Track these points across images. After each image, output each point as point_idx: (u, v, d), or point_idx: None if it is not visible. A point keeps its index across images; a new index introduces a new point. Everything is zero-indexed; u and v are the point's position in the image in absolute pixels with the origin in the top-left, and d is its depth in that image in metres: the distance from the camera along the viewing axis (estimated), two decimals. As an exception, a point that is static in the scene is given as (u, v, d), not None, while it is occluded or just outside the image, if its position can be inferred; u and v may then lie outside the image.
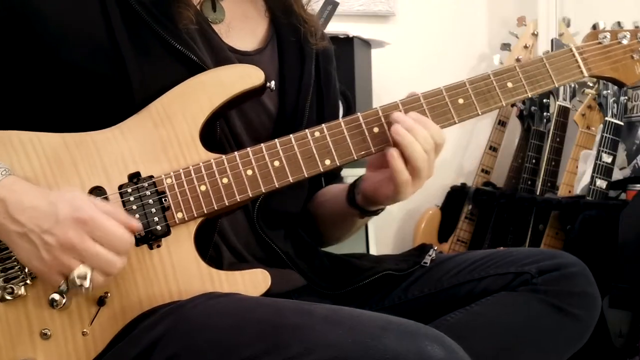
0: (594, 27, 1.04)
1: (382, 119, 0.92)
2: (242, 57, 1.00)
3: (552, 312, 0.95)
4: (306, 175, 0.89)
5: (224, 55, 0.97)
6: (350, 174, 1.23)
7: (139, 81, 0.87)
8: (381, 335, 0.66)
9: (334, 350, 0.66)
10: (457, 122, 0.94)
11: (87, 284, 0.76)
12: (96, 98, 0.88)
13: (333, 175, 1.18)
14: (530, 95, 0.97)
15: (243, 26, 1.03)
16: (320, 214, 1.13)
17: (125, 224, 0.79)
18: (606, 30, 1.02)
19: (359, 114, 0.92)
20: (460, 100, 0.94)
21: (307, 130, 0.90)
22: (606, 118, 2.02)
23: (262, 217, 1.00)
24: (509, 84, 0.96)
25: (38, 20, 0.87)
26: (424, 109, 0.93)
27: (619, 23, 1.02)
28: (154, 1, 0.91)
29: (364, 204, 1.01)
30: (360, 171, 1.18)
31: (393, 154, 0.89)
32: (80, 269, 0.75)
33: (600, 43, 1.01)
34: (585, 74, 1.00)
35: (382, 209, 1.04)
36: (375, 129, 0.92)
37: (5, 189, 0.78)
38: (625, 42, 1.02)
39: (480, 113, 0.95)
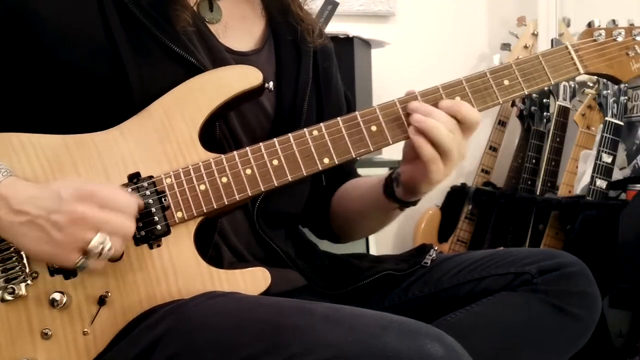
0: (589, 24, 1.05)
1: (380, 118, 0.92)
2: (239, 57, 1.00)
3: (552, 312, 0.95)
4: (305, 174, 0.89)
5: (221, 57, 0.97)
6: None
7: (138, 82, 0.88)
8: (381, 334, 0.66)
9: (334, 350, 0.66)
10: None
11: (108, 246, 0.76)
12: (95, 99, 0.88)
13: (348, 172, 1.18)
14: (526, 93, 0.98)
15: (240, 26, 1.03)
16: (353, 209, 1.13)
17: (126, 193, 0.80)
18: (601, 28, 1.03)
19: (357, 112, 0.92)
20: (457, 98, 0.94)
21: (305, 129, 0.90)
22: (606, 118, 2.02)
23: (262, 217, 1.00)
24: (506, 82, 0.96)
25: (36, 21, 0.87)
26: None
27: (613, 21, 1.03)
28: (151, 3, 0.91)
29: (402, 196, 1.02)
30: (361, 171, 1.19)
31: (418, 140, 0.90)
32: (98, 237, 0.76)
33: (595, 40, 1.02)
34: (581, 70, 1.00)
35: (420, 199, 1.04)
36: (373, 127, 0.92)
37: (6, 187, 0.78)
38: (620, 39, 1.03)
39: (477, 110, 0.95)
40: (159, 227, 0.84)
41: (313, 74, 1.07)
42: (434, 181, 0.94)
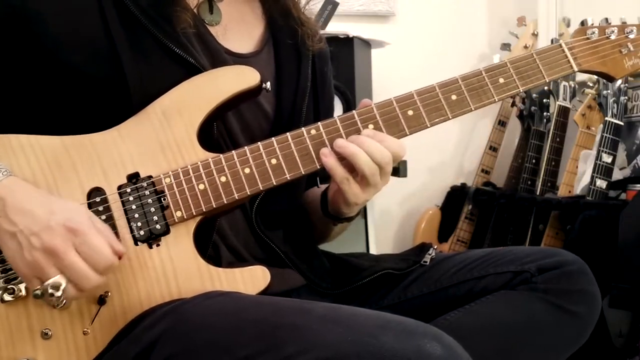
0: (582, 23, 1.05)
1: (377, 116, 0.92)
2: (238, 59, 1.00)
3: (552, 311, 0.95)
4: (303, 172, 0.90)
5: (220, 58, 0.97)
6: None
7: (136, 83, 0.88)
8: (380, 334, 0.66)
9: (332, 349, 0.65)
10: (450, 118, 0.95)
11: (58, 294, 0.76)
12: (94, 100, 0.88)
13: (314, 175, 1.18)
14: (521, 90, 0.99)
15: (239, 28, 1.04)
16: (307, 213, 1.13)
17: (113, 246, 0.79)
18: (594, 26, 1.04)
19: (354, 111, 0.92)
20: (453, 97, 0.95)
21: (303, 128, 0.90)
22: (606, 118, 2.02)
23: (260, 217, 1.00)
24: (501, 79, 0.97)
25: (37, 23, 0.87)
26: (418, 105, 0.93)
27: (606, 19, 1.04)
28: (152, 4, 0.91)
29: (333, 213, 1.02)
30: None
31: (328, 161, 0.89)
32: (56, 279, 0.76)
33: (588, 39, 1.03)
34: (575, 68, 1.01)
35: (354, 217, 1.04)
36: (371, 126, 0.92)
37: (6, 189, 0.78)
38: (613, 37, 1.04)
39: (473, 109, 0.96)
40: (158, 226, 0.85)
41: (311, 78, 1.07)
42: (351, 202, 0.93)
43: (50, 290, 0.75)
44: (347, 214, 1.01)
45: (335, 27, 2.05)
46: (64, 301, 0.77)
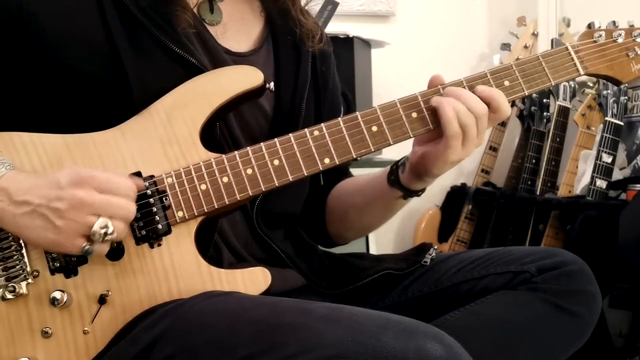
0: (589, 26, 1.05)
1: (381, 118, 0.92)
2: (237, 58, 1.00)
3: (552, 311, 0.95)
4: (305, 174, 0.89)
5: (220, 58, 0.97)
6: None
7: (138, 84, 0.88)
8: (380, 334, 0.66)
9: (333, 350, 0.65)
10: None
11: (110, 230, 0.76)
12: (96, 101, 0.88)
13: (343, 172, 1.18)
14: (527, 94, 0.98)
15: (238, 27, 1.04)
16: (349, 204, 1.12)
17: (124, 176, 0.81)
18: (601, 29, 1.03)
19: (357, 113, 0.92)
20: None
21: (306, 129, 0.90)
22: (606, 118, 2.02)
23: (261, 217, 1.00)
24: (506, 82, 0.96)
25: (36, 23, 0.87)
26: (422, 107, 0.93)
27: (614, 22, 1.03)
28: (151, 4, 0.91)
29: (408, 182, 1.02)
30: (361, 171, 1.18)
31: (448, 113, 0.90)
32: (100, 221, 0.76)
33: (595, 42, 1.02)
34: (581, 72, 1.00)
35: (424, 190, 1.05)
36: (374, 128, 0.92)
37: (8, 180, 0.78)
38: (620, 40, 1.03)
39: None
40: (159, 226, 0.85)
41: (312, 75, 1.07)
42: (449, 161, 0.94)
43: (101, 231, 0.76)
44: (436, 174, 0.99)
45: (335, 27, 2.05)
46: (116, 238, 0.78)
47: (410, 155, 1.01)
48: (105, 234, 0.76)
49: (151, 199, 0.85)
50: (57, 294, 0.81)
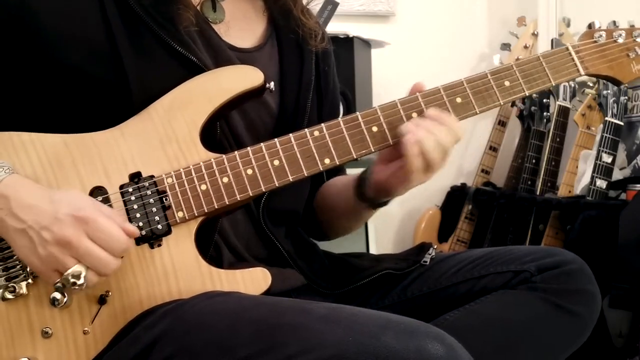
0: (590, 26, 1.05)
1: (381, 118, 0.92)
2: (242, 54, 1.00)
3: (551, 310, 0.95)
4: (306, 174, 0.89)
5: (224, 54, 0.97)
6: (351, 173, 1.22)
7: (138, 83, 0.88)
8: (380, 334, 0.66)
9: (333, 350, 0.66)
10: None
11: (80, 281, 0.76)
12: (96, 100, 0.88)
13: (337, 169, 1.18)
14: (527, 94, 0.98)
15: (242, 25, 1.04)
16: (329, 206, 1.13)
17: (124, 228, 0.80)
18: (602, 29, 1.03)
19: (358, 113, 0.92)
20: (458, 100, 0.94)
21: (306, 129, 0.90)
22: (606, 118, 2.02)
23: (268, 214, 1.00)
24: (507, 83, 0.96)
25: (36, 22, 0.87)
26: (422, 108, 0.93)
27: (614, 22, 1.03)
28: (154, 3, 0.91)
29: (374, 197, 1.02)
30: (360, 171, 1.18)
31: (413, 150, 0.90)
32: (75, 268, 0.76)
33: (595, 42, 1.02)
34: (582, 72, 1.00)
35: (390, 200, 1.05)
36: (374, 128, 0.92)
37: (9, 187, 0.78)
38: (620, 40, 1.03)
39: (478, 112, 0.95)
40: (159, 226, 0.85)
41: (315, 75, 1.07)
42: (412, 186, 0.95)
43: (72, 280, 0.76)
44: (396, 195, 1.00)
45: (335, 27, 2.05)
46: (84, 288, 0.77)
47: (373, 174, 1.01)
48: (74, 283, 0.76)
49: (151, 199, 0.85)
50: (57, 295, 0.80)
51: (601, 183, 1.97)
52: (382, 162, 0.99)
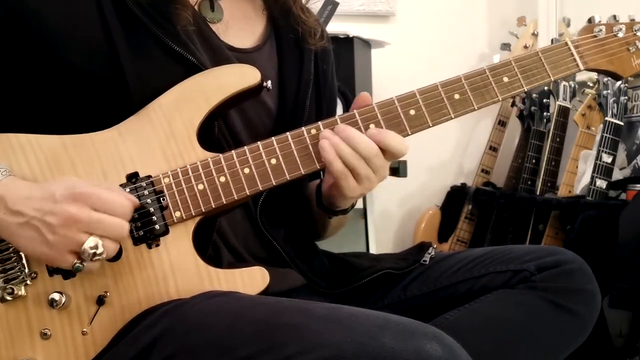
0: (590, 20, 1.04)
1: (379, 116, 0.92)
2: (241, 54, 1.00)
3: (551, 309, 0.95)
4: (303, 173, 0.89)
5: (223, 54, 0.97)
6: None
7: (136, 82, 0.88)
8: (379, 334, 0.66)
9: (332, 350, 0.65)
10: (453, 117, 0.94)
11: (99, 250, 0.76)
12: (94, 99, 0.88)
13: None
14: (526, 90, 0.97)
15: (241, 25, 1.04)
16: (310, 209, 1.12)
17: (121, 194, 0.80)
18: (601, 23, 1.03)
19: (355, 111, 0.92)
20: (456, 96, 0.94)
21: (303, 127, 0.90)
22: (606, 118, 2.01)
23: (265, 214, 1.00)
24: (505, 79, 0.96)
25: (35, 21, 0.87)
26: (420, 105, 0.93)
27: (614, 16, 1.02)
28: (151, 2, 0.91)
29: (327, 204, 1.02)
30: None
31: (328, 154, 0.88)
32: (90, 240, 0.76)
33: (595, 36, 1.01)
34: (581, 67, 0.99)
35: (348, 210, 1.04)
36: (372, 126, 0.92)
37: (4, 188, 0.78)
38: (620, 35, 1.02)
39: (476, 108, 0.95)
40: (157, 227, 0.84)
41: (314, 73, 1.07)
42: (349, 196, 0.93)
43: (91, 252, 0.75)
44: (341, 206, 1.00)
45: (335, 27, 2.04)
46: (106, 257, 0.77)
47: (323, 183, 1.00)
48: (95, 254, 0.76)
49: (149, 199, 0.85)
50: (56, 296, 0.81)
51: (601, 183, 1.97)
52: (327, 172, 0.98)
